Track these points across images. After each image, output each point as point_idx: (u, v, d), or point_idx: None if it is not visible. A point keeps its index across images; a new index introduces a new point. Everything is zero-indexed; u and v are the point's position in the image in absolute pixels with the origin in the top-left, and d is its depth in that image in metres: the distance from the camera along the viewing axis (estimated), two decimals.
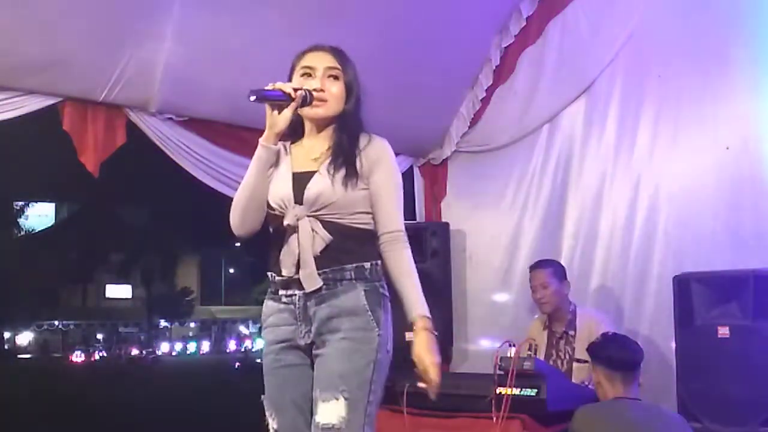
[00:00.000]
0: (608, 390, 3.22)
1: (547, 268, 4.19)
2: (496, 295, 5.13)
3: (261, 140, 2.48)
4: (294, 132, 2.56)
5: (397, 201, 2.50)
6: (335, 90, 2.50)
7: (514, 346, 3.53)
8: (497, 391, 3.35)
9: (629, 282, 4.41)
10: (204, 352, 41.34)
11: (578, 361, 3.95)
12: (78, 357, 34.81)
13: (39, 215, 40.81)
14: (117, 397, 14.08)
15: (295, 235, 2.43)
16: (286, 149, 2.57)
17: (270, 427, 2.47)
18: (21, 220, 38.57)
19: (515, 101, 4.98)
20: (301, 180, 2.46)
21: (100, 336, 43.12)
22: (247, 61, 4.23)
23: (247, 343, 45.13)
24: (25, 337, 40.51)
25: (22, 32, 3.70)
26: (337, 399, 2.31)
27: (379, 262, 2.47)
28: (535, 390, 3.37)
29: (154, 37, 3.96)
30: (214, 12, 3.99)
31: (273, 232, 2.51)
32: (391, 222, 2.47)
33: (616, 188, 4.54)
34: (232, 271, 52.79)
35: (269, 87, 2.45)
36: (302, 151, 2.55)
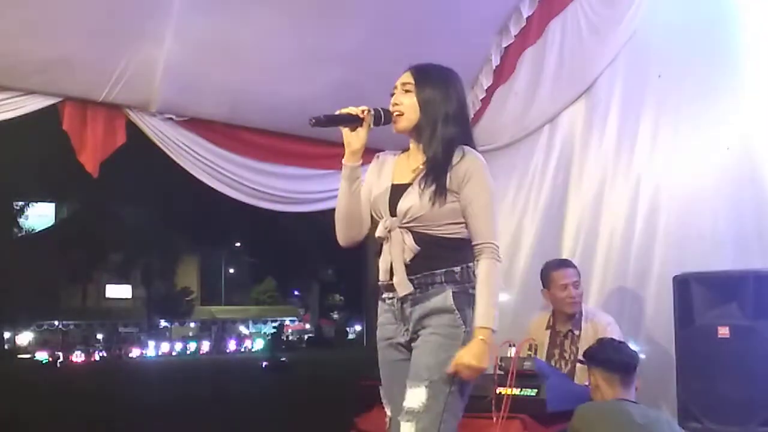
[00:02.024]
0: (607, 392, 3.21)
1: (575, 268, 4.15)
2: None
3: (343, 160, 2.70)
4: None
5: (486, 215, 2.64)
6: (407, 102, 2.70)
7: (514, 346, 3.53)
8: (497, 391, 3.35)
9: (629, 282, 4.41)
10: (204, 352, 41.29)
11: (582, 361, 3.94)
12: (78, 357, 34.82)
13: (39, 215, 40.80)
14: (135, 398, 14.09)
15: (387, 245, 2.66)
16: (393, 159, 2.80)
17: (386, 414, 2.75)
18: (21, 220, 38.57)
19: (516, 101, 4.97)
20: (396, 192, 2.68)
21: (100, 336, 43.11)
22: (247, 60, 4.24)
23: (247, 343, 45.14)
24: (25, 337, 40.49)
25: (22, 32, 3.70)
26: (419, 387, 2.55)
27: (471, 264, 2.64)
28: (535, 390, 3.37)
29: (154, 37, 3.96)
30: (214, 12, 4.00)
31: (377, 238, 2.72)
32: (479, 235, 2.63)
33: (617, 188, 4.54)
34: (232, 271, 52.79)
35: (337, 112, 2.65)
36: (405, 161, 2.76)
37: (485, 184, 2.65)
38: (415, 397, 2.55)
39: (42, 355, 33.79)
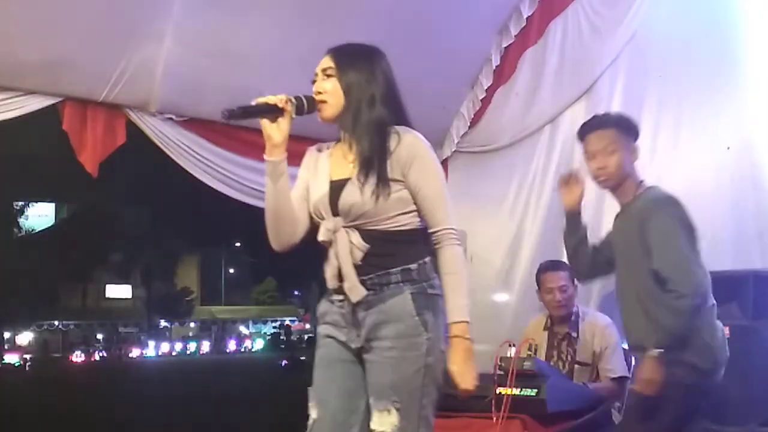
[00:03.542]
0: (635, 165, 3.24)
1: (565, 271, 4.09)
2: (497, 296, 5.12)
3: (264, 155, 2.44)
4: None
5: (437, 198, 2.44)
6: (328, 87, 2.47)
7: (514, 346, 3.53)
8: (497, 391, 3.35)
9: None
10: (204, 352, 41.32)
11: (579, 363, 3.93)
12: (78, 357, 34.84)
13: (39, 215, 40.88)
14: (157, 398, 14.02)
15: (333, 248, 2.42)
16: (327, 152, 2.55)
17: (310, 416, 2.49)
18: (21, 220, 38.65)
19: (516, 102, 4.97)
20: (336, 189, 2.44)
21: (100, 336, 43.15)
22: (247, 60, 4.24)
23: (247, 343, 45.19)
24: (25, 337, 40.53)
25: (22, 32, 3.70)
26: (389, 410, 2.36)
27: (428, 260, 2.44)
28: (535, 390, 3.37)
29: (154, 37, 3.96)
30: (214, 12, 4.00)
31: (320, 242, 2.48)
32: (435, 221, 2.44)
33: None
34: (232, 271, 52.90)
35: (253, 102, 2.41)
36: (340, 153, 2.52)
37: (431, 164, 2.45)
38: (386, 420, 2.36)
39: (12, 358, 31.73)
